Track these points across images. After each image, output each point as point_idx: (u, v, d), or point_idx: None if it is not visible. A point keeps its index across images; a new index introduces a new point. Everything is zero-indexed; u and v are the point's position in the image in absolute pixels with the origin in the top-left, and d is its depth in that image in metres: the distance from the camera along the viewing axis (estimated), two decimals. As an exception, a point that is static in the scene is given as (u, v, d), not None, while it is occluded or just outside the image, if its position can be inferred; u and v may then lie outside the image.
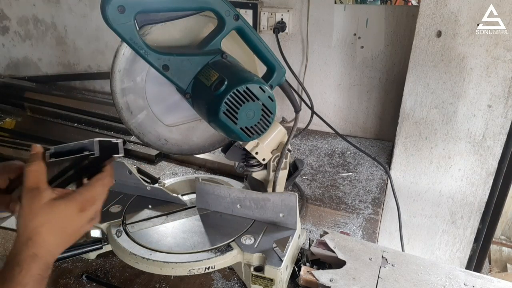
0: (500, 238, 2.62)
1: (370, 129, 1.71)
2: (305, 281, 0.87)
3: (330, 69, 1.65)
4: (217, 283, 0.93)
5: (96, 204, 0.68)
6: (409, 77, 1.32)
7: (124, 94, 0.84)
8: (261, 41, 0.80)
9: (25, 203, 0.62)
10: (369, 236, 1.13)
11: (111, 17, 0.65)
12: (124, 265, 0.91)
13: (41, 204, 0.62)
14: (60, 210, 0.63)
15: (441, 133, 1.36)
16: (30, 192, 0.62)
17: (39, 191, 0.62)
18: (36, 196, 0.62)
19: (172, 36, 0.79)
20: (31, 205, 0.61)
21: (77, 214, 0.65)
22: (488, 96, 1.25)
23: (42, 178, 0.64)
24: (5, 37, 2.24)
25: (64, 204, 0.63)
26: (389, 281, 0.84)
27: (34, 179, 0.63)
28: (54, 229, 0.62)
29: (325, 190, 1.33)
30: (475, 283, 0.84)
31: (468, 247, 1.53)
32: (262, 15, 1.60)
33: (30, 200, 0.62)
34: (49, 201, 0.62)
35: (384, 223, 1.55)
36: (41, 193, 0.62)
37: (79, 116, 1.78)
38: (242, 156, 0.99)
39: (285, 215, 0.91)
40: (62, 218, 0.63)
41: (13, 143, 1.59)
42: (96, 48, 2.06)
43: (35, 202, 0.62)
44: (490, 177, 1.37)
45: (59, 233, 0.63)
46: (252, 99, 0.72)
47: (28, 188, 0.62)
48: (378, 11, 1.49)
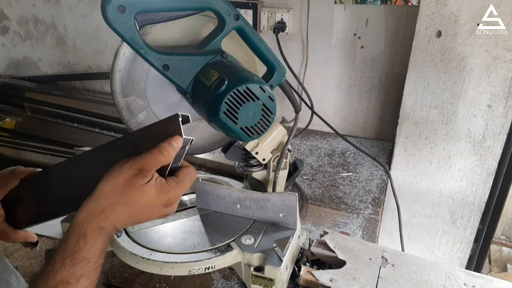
0: (500, 238, 2.62)
1: (370, 129, 1.71)
2: (305, 281, 0.87)
3: (330, 69, 1.65)
4: (217, 283, 0.93)
5: (178, 200, 0.66)
6: (409, 77, 1.32)
7: (124, 94, 0.84)
8: (261, 41, 0.80)
9: (122, 176, 0.59)
10: (369, 236, 1.13)
11: (111, 16, 0.65)
12: (124, 265, 0.91)
13: (137, 185, 0.59)
14: (149, 198, 0.60)
15: (441, 133, 1.36)
16: (137, 169, 0.59)
17: (145, 172, 0.60)
18: (139, 175, 0.59)
19: (172, 36, 0.79)
20: (128, 180, 0.59)
21: (161, 206, 0.63)
22: (488, 96, 1.25)
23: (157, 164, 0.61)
24: (5, 37, 2.24)
25: (156, 195, 0.61)
26: (389, 281, 0.84)
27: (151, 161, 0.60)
28: (132, 211, 0.61)
29: (325, 190, 1.33)
30: (475, 283, 0.84)
31: (468, 247, 1.53)
32: (262, 15, 1.60)
33: (130, 176, 0.59)
34: (145, 185, 0.60)
35: (384, 223, 1.55)
36: (145, 176, 0.60)
37: (79, 116, 1.79)
38: (242, 156, 0.99)
39: (285, 215, 0.91)
40: (146, 206, 0.61)
41: (13, 143, 1.59)
42: (96, 48, 2.06)
43: (134, 181, 0.59)
44: (490, 177, 1.37)
45: (134, 216, 0.62)
46: (252, 99, 0.72)
47: (138, 163, 0.59)
48: (378, 11, 1.49)
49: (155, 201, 0.62)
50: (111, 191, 0.59)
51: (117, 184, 0.59)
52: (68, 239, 0.57)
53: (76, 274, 0.54)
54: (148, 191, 0.60)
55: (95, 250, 0.57)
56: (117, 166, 0.60)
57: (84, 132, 1.69)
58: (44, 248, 1.02)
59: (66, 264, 0.55)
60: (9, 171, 0.75)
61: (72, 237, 0.57)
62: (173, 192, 0.63)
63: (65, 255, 0.55)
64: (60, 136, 1.65)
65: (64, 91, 2.09)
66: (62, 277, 0.54)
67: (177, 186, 0.63)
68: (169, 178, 0.64)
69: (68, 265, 0.54)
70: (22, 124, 1.82)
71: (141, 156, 0.60)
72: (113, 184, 0.59)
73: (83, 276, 0.55)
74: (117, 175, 0.60)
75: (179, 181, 0.64)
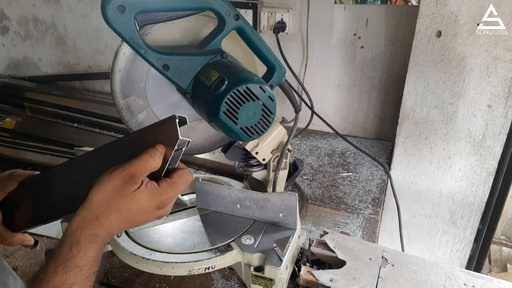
0: (500, 238, 2.62)
1: (370, 129, 1.71)
2: (305, 281, 0.87)
3: (330, 69, 1.65)
4: (217, 283, 0.93)
5: (173, 202, 0.66)
6: (409, 77, 1.32)
7: (124, 94, 0.84)
8: (262, 41, 0.80)
9: (112, 184, 0.59)
10: (369, 236, 1.13)
11: (111, 16, 0.65)
12: (124, 265, 0.91)
13: (127, 192, 0.59)
14: (141, 203, 0.60)
15: (441, 133, 1.36)
16: (127, 176, 0.59)
17: (135, 179, 0.60)
18: (129, 183, 0.59)
19: (172, 36, 0.79)
20: (119, 188, 0.59)
21: (154, 210, 0.63)
22: (488, 96, 1.25)
23: (147, 170, 0.60)
24: (5, 37, 2.24)
25: (147, 199, 0.61)
26: (389, 281, 0.84)
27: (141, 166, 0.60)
28: (125, 217, 0.61)
29: (325, 190, 1.33)
30: (475, 283, 0.84)
31: (468, 247, 1.53)
32: (262, 15, 1.60)
33: (119, 184, 0.59)
34: (135, 191, 0.60)
35: (384, 223, 1.55)
36: (135, 182, 0.60)
37: (79, 116, 1.78)
38: (242, 156, 0.99)
39: (285, 215, 0.91)
40: (139, 211, 0.61)
41: (13, 143, 1.59)
42: (96, 48, 2.06)
43: (124, 188, 0.59)
44: (490, 177, 1.37)
45: (128, 221, 0.62)
46: (252, 99, 0.72)
47: (128, 170, 0.59)
48: (378, 11, 1.49)
49: (148, 205, 0.61)
50: (102, 199, 0.59)
51: (107, 192, 0.59)
52: (62, 247, 0.57)
53: (68, 282, 0.55)
54: (140, 197, 0.60)
55: (88, 258, 0.57)
56: (106, 174, 0.60)
57: (84, 132, 1.69)
58: (44, 248, 1.02)
59: (59, 271, 0.55)
60: (7, 174, 0.75)
61: (65, 245, 0.57)
62: (165, 194, 0.63)
63: (58, 262, 0.55)
64: (60, 136, 1.65)
65: (64, 91, 2.09)
66: (54, 284, 0.54)
67: (170, 189, 0.63)
68: (163, 180, 0.63)
69: (61, 273, 0.55)
70: (22, 124, 1.82)
71: (130, 163, 0.60)
72: (103, 192, 0.59)
73: (75, 283, 0.55)
74: (106, 184, 0.59)
75: (172, 184, 0.63)
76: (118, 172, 0.59)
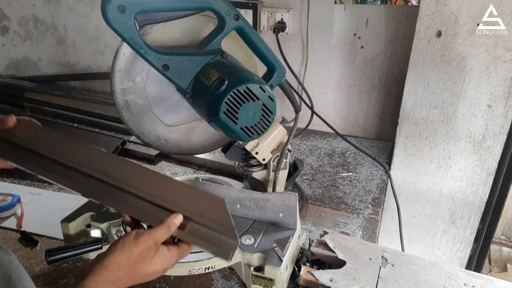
0: (500, 238, 2.62)
1: (370, 129, 1.71)
2: (305, 281, 0.87)
3: (330, 69, 1.65)
4: (217, 283, 0.92)
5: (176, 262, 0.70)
6: (409, 77, 1.32)
7: (124, 94, 0.84)
8: (261, 41, 0.80)
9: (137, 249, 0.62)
10: (369, 236, 1.13)
11: (111, 16, 0.65)
12: (124, 265, 0.91)
13: (148, 257, 0.63)
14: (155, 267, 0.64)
15: (441, 133, 1.36)
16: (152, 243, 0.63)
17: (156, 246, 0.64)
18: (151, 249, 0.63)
19: (172, 36, 0.79)
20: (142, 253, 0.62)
21: (161, 272, 0.66)
22: (488, 96, 1.25)
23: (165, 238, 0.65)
24: (5, 37, 2.24)
25: (160, 264, 0.65)
26: (389, 281, 0.84)
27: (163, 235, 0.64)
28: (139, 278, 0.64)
29: (325, 190, 1.33)
30: (475, 283, 0.84)
31: (468, 247, 1.53)
32: (262, 15, 1.60)
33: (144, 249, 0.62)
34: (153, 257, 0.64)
35: (384, 223, 1.55)
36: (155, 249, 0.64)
37: (79, 116, 1.78)
38: (242, 156, 0.99)
39: (285, 215, 0.91)
40: (152, 273, 0.65)
41: (13, 143, 1.59)
42: (96, 48, 2.06)
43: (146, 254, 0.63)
44: (490, 177, 1.37)
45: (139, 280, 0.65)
46: (252, 99, 0.72)
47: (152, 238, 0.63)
48: (378, 11, 1.49)
49: (159, 269, 0.65)
50: (125, 263, 0.62)
51: (130, 257, 0.62)
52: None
53: None
54: (155, 262, 0.64)
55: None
56: (131, 239, 0.63)
57: (84, 132, 1.69)
58: (44, 248, 1.02)
59: None
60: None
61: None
62: (174, 260, 0.67)
63: None
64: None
65: (64, 91, 2.09)
66: None
67: (178, 256, 0.67)
68: (171, 246, 0.67)
69: None
70: (22, 124, 1.82)
71: (154, 231, 0.64)
72: (127, 256, 0.62)
73: None
74: (131, 249, 0.62)
75: (180, 253, 0.67)
76: (144, 239, 0.63)
